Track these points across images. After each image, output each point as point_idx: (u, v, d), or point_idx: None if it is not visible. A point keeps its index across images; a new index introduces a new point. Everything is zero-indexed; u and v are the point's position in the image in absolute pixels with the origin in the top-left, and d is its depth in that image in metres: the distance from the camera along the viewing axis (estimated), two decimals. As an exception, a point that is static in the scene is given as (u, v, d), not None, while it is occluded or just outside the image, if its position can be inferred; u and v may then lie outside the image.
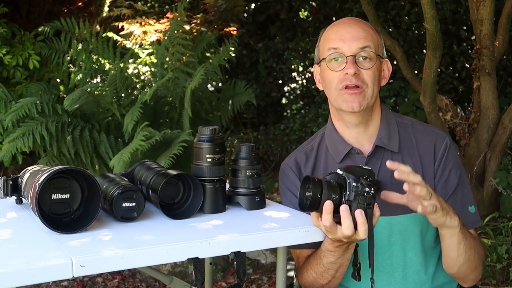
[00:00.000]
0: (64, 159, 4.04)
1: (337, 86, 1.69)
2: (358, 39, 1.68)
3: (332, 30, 1.74)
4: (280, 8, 6.70)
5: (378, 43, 1.73)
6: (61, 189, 1.46)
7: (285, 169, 1.84)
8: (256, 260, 4.03)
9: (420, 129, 1.80)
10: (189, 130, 3.87)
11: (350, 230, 1.45)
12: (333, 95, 1.72)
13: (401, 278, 1.75)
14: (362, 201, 1.45)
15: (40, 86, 4.30)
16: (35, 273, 1.20)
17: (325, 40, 1.75)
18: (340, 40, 1.69)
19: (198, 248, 1.38)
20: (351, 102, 1.67)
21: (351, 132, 1.76)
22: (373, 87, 1.69)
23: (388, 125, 1.76)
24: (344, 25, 1.74)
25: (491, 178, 3.82)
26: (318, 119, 6.04)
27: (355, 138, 1.76)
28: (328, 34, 1.74)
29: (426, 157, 1.75)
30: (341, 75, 1.68)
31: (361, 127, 1.75)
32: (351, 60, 1.67)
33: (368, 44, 1.69)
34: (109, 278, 3.88)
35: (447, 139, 1.78)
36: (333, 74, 1.70)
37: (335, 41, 1.70)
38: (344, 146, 1.76)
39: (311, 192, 1.44)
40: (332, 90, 1.71)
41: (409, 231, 1.73)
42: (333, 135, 1.79)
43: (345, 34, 1.70)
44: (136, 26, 5.11)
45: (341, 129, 1.78)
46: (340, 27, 1.74)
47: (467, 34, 6.04)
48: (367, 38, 1.69)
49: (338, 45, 1.69)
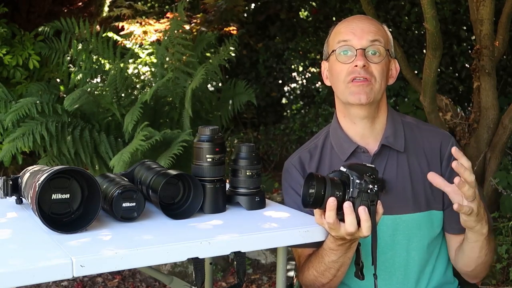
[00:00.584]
0: (64, 159, 4.04)
1: (345, 79, 1.69)
2: (369, 32, 1.70)
3: (343, 25, 1.76)
4: (280, 8, 6.70)
5: (388, 40, 1.75)
6: (61, 189, 1.46)
7: (289, 168, 1.83)
8: (256, 260, 4.03)
9: (426, 129, 1.80)
10: (189, 130, 3.87)
11: (353, 227, 1.45)
12: (340, 88, 1.72)
13: (402, 277, 1.75)
14: (366, 198, 1.45)
15: (40, 86, 4.30)
16: (35, 273, 1.20)
17: (335, 34, 1.76)
18: (350, 33, 1.70)
19: (198, 248, 1.38)
20: (358, 94, 1.68)
21: (357, 129, 1.76)
22: (381, 82, 1.70)
23: (394, 125, 1.76)
24: (355, 20, 1.76)
25: (491, 178, 3.81)
26: (318, 119, 6.04)
27: (361, 135, 1.76)
28: (339, 29, 1.76)
29: (432, 157, 1.75)
30: (350, 67, 1.69)
31: (367, 122, 1.74)
32: (360, 53, 1.67)
33: (378, 38, 1.70)
34: (109, 278, 3.88)
35: (453, 139, 1.79)
36: (342, 66, 1.70)
37: (345, 34, 1.71)
38: (350, 145, 1.75)
39: (314, 189, 1.44)
40: (340, 83, 1.71)
41: (414, 231, 1.73)
42: (338, 133, 1.78)
43: (355, 28, 1.71)
44: (136, 26, 5.11)
45: (347, 126, 1.77)
46: (351, 21, 1.75)
47: (467, 34, 6.04)
48: (377, 33, 1.71)
49: (349, 37, 1.70)
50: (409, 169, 1.73)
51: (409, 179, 1.73)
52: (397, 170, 1.73)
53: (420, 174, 1.73)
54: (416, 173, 1.73)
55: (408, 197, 1.72)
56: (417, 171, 1.73)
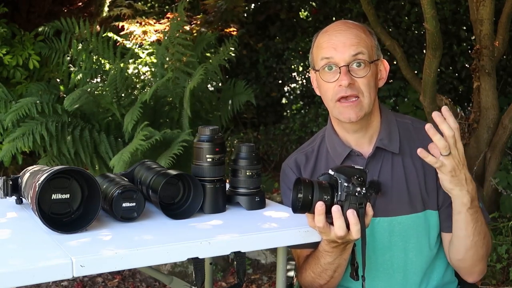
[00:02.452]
0: (64, 159, 4.04)
1: (333, 98, 1.69)
2: (351, 46, 1.67)
3: (324, 38, 1.72)
4: (280, 8, 6.69)
5: (372, 46, 1.71)
6: (61, 189, 1.46)
7: (286, 169, 1.85)
8: (256, 260, 4.03)
9: (420, 128, 1.79)
10: (189, 130, 3.87)
11: (342, 231, 1.45)
12: (329, 106, 1.73)
13: (401, 279, 1.75)
14: (354, 201, 1.45)
15: (40, 86, 4.30)
16: (35, 273, 1.20)
17: (317, 48, 1.73)
18: (332, 49, 1.68)
19: (198, 248, 1.38)
20: (347, 114, 1.67)
21: (351, 136, 1.76)
22: (370, 94, 1.68)
23: (388, 126, 1.76)
24: (335, 32, 1.71)
25: (491, 178, 3.82)
26: (318, 119, 6.03)
27: (355, 141, 1.76)
28: (321, 43, 1.73)
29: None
30: (335, 86, 1.67)
31: (360, 132, 1.75)
32: (344, 71, 1.65)
33: (360, 50, 1.67)
34: (109, 278, 3.88)
35: None
36: (328, 85, 1.69)
37: (327, 50, 1.69)
38: (344, 149, 1.76)
39: (302, 194, 1.44)
40: (328, 101, 1.72)
41: (410, 232, 1.73)
42: (333, 138, 1.79)
43: (336, 42, 1.68)
44: (136, 26, 5.11)
45: (341, 133, 1.78)
46: (331, 34, 1.71)
47: (467, 34, 6.04)
48: (359, 44, 1.68)
49: (331, 54, 1.68)
50: (404, 170, 1.73)
51: (404, 180, 1.73)
52: (392, 172, 1.73)
53: (415, 175, 1.73)
54: (411, 174, 1.73)
55: (403, 199, 1.72)
56: (412, 172, 1.73)
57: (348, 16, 6.35)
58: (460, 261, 1.72)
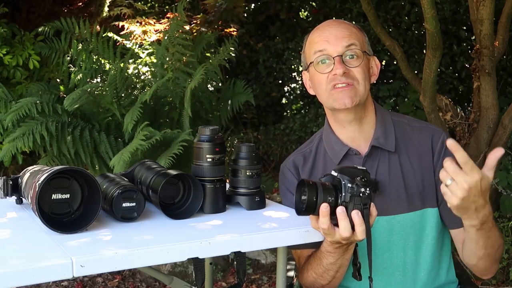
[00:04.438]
0: (64, 159, 4.03)
1: (327, 87, 1.70)
2: (343, 38, 1.70)
3: (316, 34, 1.75)
4: (280, 8, 6.69)
5: (363, 41, 1.74)
6: (61, 189, 1.46)
7: (284, 170, 1.85)
8: (256, 260, 4.03)
9: (417, 127, 1.80)
10: (189, 130, 3.87)
11: (347, 232, 1.45)
12: (324, 97, 1.73)
13: (401, 278, 1.75)
14: (358, 202, 1.45)
15: (40, 86, 4.30)
16: (35, 273, 1.20)
17: (310, 44, 1.76)
18: (325, 42, 1.70)
19: (198, 248, 1.38)
20: (342, 99, 1.68)
21: (347, 132, 1.77)
22: (364, 83, 1.70)
23: (384, 125, 1.77)
24: (327, 27, 1.75)
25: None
26: (318, 119, 6.04)
27: (352, 138, 1.77)
28: (312, 38, 1.76)
29: (424, 154, 1.75)
30: (330, 76, 1.69)
31: (355, 124, 1.75)
32: (338, 60, 1.68)
33: (353, 42, 1.70)
34: (109, 278, 3.88)
35: (444, 134, 1.78)
36: (322, 76, 1.71)
37: (320, 44, 1.71)
38: (342, 148, 1.76)
39: (306, 196, 1.43)
40: (323, 91, 1.72)
41: (409, 231, 1.73)
42: (330, 137, 1.79)
43: (329, 36, 1.71)
44: (136, 26, 5.11)
45: (337, 130, 1.78)
46: (323, 29, 1.75)
47: (467, 34, 6.04)
48: (351, 37, 1.71)
49: (324, 46, 1.70)
50: (401, 168, 1.73)
51: (402, 178, 1.73)
52: (389, 170, 1.73)
53: (412, 173, 1.73)
54: (408, 172, 1.73)
55: (401, 197, 1.72)
56: (409, 170, 1.73)
57: (348, 16, 6.35)
58: (473, 266, 1.72)
